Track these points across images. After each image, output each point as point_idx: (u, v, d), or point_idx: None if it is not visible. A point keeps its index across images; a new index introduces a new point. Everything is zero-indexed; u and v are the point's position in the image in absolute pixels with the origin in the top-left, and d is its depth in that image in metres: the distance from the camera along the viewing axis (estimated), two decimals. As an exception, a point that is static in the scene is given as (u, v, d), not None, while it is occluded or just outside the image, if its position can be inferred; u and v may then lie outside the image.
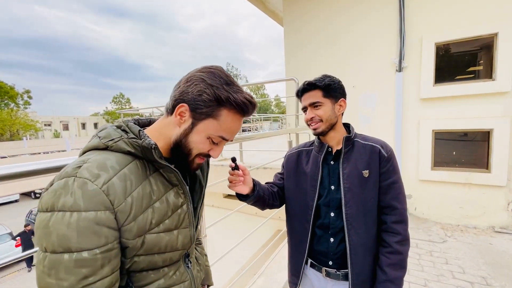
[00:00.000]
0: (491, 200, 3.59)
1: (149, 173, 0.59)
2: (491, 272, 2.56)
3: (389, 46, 4.10)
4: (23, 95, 32.36)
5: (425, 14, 3.84)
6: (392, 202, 1.00)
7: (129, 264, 0.57)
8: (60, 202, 0.47)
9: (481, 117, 3.60)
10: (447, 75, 3.86)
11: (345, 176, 1.01)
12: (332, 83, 1.02)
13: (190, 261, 0.72)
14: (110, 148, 0.56)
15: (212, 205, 4.78)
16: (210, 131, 0.61)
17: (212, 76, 0.59)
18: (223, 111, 0.60)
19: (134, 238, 0.54)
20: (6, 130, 29.73)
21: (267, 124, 22.09)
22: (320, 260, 1.08)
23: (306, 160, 1.13)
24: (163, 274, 0.63)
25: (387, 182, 1.01)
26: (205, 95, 0.58)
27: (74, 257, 0.46)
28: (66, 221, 0.46)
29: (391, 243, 0.98)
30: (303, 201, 1.09)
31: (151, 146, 0.55)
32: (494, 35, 3.49)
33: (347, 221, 1.00)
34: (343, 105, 1.05)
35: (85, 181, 0.48)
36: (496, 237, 3.34)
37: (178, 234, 0.63)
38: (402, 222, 1.00)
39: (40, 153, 21.05)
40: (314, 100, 1.02)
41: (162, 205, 0.59)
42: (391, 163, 1.01)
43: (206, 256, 0.97)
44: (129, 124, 0.60)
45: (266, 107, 46.28)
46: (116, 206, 0.51)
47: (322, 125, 1.03)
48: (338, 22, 4.53)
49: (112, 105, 45.58)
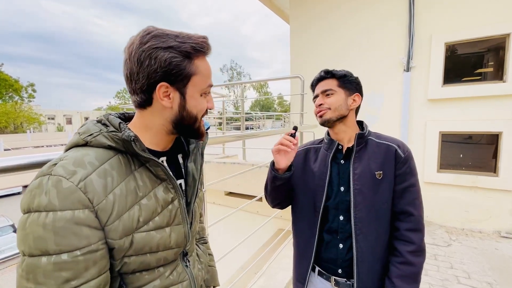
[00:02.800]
0: (498, 204, 3.52)
1: (134, 168, 0.55)
2: (497, 278, 2.51)
3: (398, 45, 4.02)
4: (27, 88, 32.54)
5: (435, 14, 3.75)
6: (407, 207, 0.92)
7: (119, 265, 0.53)
8: (35, 203, 0.44)
9: (490, 119, 3.52)
10: (456, 76, 3.77)
11: (355, 177, 0.93)
12: (349, 75, 0.97)
13: (189, 260, 0.69)
14: (90, 143, 0.52)
15: (213, 203, 4.75)
16: (200, 86, 0.59)
17: (160, 39, 0.53)
18: (196, 62, 0.57)
19: (121, 238, 0.50)
20: (10, 123, 29.93)
21: (270, 122, 22.03)
22: (328, 268, 0.99)
23: (314, 158, 1.06)
24: (158, 274, 0.59)
25: (403, 185, 0.92)
26: (174, 59, 0.53)
27: (53, 260, 0.43)
28: (41, 222, 0.43)
29: (403, 253, 0.90)
30: (310, 202, 1.02)
31: (131, 138, 0.51)
32: (506, 36, 3.41)
33: (355, 225, 0.92)
34: (357, 100, 0.99)
35: (59, 179, 0.45)
36: (502, 242, 3.27)
37: (171, 232, 0.60)
38: (417, 230, 0.92)
39: (43, 146, 21.19)
40: (326, 88, 0.97)
41: (150, 201, 0.56)
42: (408, 164, 0.93)
43: (211, 256, 0.93)
44: (110, 118, 0.57)
45: (269, 105, 46.20)
46: (96, 204, 0.47)
47: (329, 112, 0.96)
48: (346, 20, 4.46)
49: (116, 100, 45.83)
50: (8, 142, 19.38)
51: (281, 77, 4.08)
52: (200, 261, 0.77)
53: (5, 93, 30.50)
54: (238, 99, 11.90)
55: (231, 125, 11.03)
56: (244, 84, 5.33)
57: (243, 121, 4.58)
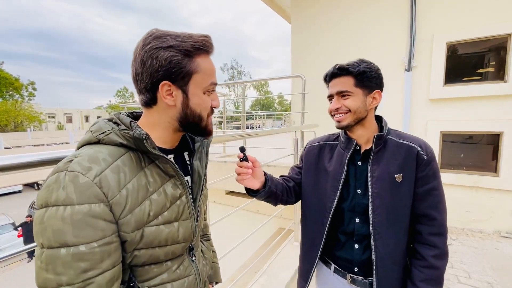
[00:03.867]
0: (499, 204, 3.52)
1: (144, 164, 0.58)
2: (497, 278, 2.51)
3: (399, 45, 4.01)
4: (27, 87, 32.59)
5: (437, 13, 3.74)
6: (429, 211, 0.88)
7: (130, 258, 0.56)
8: (53, 197, 0.46)
9: (491, 119, 3.51)
10: (458, 76, 3.77)
11: (374, 180, 0.89)
12: (369, 71, 0.87)
13: (195, 255, 0.71)
14: (102, 141, 0.55)
15: (214, 201, 4.75)
16: (202, 85, 0.59)
17: (162, 39, 0.55)
18: (197, 60, 0.57)
19: (133, 231, 0.53)
20: (10, 121, 29.92)
21: (270, 121, 22.02)
22: (344, 266, 0.98)
23: (329, 156, 1.00)
24: (166, 268, 0.62)
25: (425, 188, 0.88)
26: (174, 58, 0.55)
27: (71, 251, 0.45)
28: (60, 215, 0.45)
29: (427, 257, 0.87)
30: (320, 202, 0.98)
31: (142, 136, 0.53)
32: (508, 36, 3.40)
33: (374, 230, 0.88)
34: (377, 98, 0.90)
35: (76, 174, 0.47)
36: (502, 242, 3.28)
37: (179, 226, 0.62)
38: (441, 234, 0.88)
39: (43, 144, 21.19)
40: (342, 89, 0.88)
41: (160, 196, 0.58)
42: (431, 166, 0.87)
43: (215, 253, 0.95)
44: (120, 116, 0.59)
45: (269, 105, 46.17)
46: (111, 199, 0.50)
47: (348, 117, 0.89)
48: (347, 19, 4.45)
49: (116, 98, 45.88)
50: (8, 140, 19.38)
51: (282, 76, 4.07)
52: (204, 257, 0.80)
53: (6, 92, 30.50)
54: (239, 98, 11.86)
55: (232, 124, 11.04)
56: (244, 83, 5.31)
57: (244, 120, 4.58)
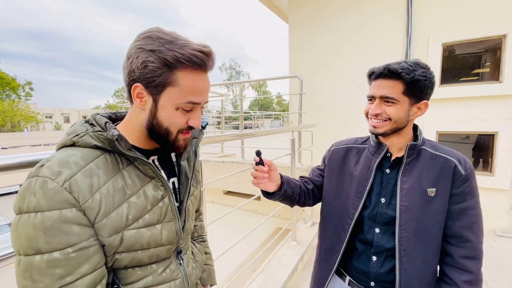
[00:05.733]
0: (494, 204, 3.56)
1: (122, 166, 0.56)
2: (492, 276, 2.54)
3: (395, 45, 4.04)
4: (24, 87, 32.26)
5: (433, 14, 3.77)
6: (463, 232, 0.81)
7: (111, 262, 0.55)
8: (25, 204, 0.46)
9: (486, 119, 3.55)
10: (454, 76, 3.80)
11: (403, 192, 0.82)
12: (423, 79, 0.78)
13: (183, 258, 0.69)
14: (77, 144, 0.54)
15: (212, 201, 4.76)
16: (175, 100, 0.54)
17: (150, 40, 0.52)
18: (177, 74, 0.52)
19: (110, 235, 0.51)
20: (7, 121, 29.74)
21: (268, 121, 21.99)
22: (359, 279, 0.92)
23: (356, 160, 0.95)
24: (151, 271, 0.60)
25: (460, 206, 0.81)
26: (150, 64, 0.51)
27: (45, 258, 0.45)
28: (31, 222, 0.45)
29: (458, 282, 0.80)
30: (343, 207, 0.93)
31: (114, 138, 0.51)
32: (503, 37, 3.43)
33: (400, 245, 0.81)
34: (422, 109, 0.84)
35: (45, 180, 0.47)
36: (497, 241, 3.31)
37: (162, 229, 0.60)
38: (475, 258, 0.80)
39: (41, 145, 21.06)
40: (388, 95, 0.80)
41: (140, 199, 0.56)
42: (469, 183, 0.81)
43: (209, 254, 0.93)
44: (97, 117, 0.57)
45: (267, 105, 46.18)
46: (82, 203, 0.48)
47: (386, 125, 0.82)
48: (344, 19, 4.47)
49: (114, 98, 45.57)
50: (5, 140, 19.26)
51: (280, 76, 4.08)
52: (195, 259, 0.77)
53: (2, 92, 30.26)
54: (237, 98, 11.84)
55: (230, 124, 11.03)
56: (243, 83, 5.32)
57: (242, 120, 4.59)
